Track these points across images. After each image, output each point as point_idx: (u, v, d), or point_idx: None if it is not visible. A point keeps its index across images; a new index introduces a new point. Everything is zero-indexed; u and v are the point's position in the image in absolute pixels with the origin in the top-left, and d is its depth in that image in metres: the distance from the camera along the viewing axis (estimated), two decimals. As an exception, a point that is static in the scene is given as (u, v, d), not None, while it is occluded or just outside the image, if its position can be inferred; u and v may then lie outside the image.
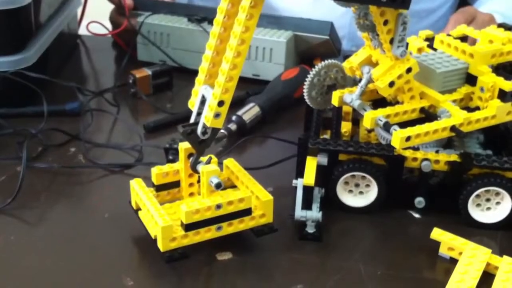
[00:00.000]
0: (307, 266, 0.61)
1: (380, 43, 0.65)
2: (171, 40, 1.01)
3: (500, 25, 0.75)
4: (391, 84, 0.65)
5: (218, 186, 0.59)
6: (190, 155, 0.63)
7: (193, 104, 0.61)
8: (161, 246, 0.59)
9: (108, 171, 0.75)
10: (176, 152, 0.75)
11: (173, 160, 0.74)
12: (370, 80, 0.67)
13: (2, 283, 0.58)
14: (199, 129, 0.59)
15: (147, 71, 0.94)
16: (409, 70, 0.65)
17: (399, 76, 0.65)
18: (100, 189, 0.73)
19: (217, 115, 0.58)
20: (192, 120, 0.61)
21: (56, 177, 0.74)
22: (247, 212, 0.61)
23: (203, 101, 0.60)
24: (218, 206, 0.59)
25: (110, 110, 0.88)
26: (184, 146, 0.62)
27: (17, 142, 0.77)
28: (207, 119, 0.58)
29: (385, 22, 0.62)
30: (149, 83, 0.94)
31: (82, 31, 1.14)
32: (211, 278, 0.60)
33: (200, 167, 0.60)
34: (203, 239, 0.60)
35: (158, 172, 0.64)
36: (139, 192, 0.63)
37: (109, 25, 1.11)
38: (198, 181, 0.64)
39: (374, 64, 0.67)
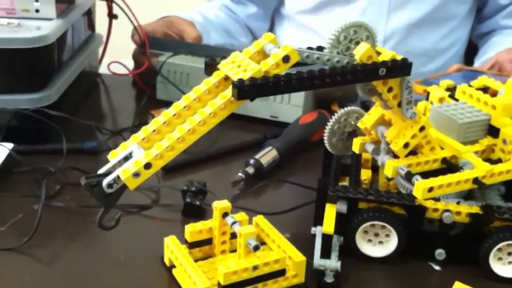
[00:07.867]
0: (325, 316, 0.60)
1: (389, 107, 0.64)
2: (190, 79, 1.01)
3: (521, 76, 0.75)
4: (406, 145, 0.65)
5: (256, 248, 0.59)
6: (225, 214, 0.63)
7: (115, 155, 0.55)
8: None
9: (124, 211, 0.75)
10: (193, 194, 0.75)
11: (190, 203, 0.74)
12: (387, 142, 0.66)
13: (15, 325, 0.57)
14: (106, 180, 0.54)
15: (166, 111, 0.95)
16: (422, 128, 0.65)
17: (413, 136, 0.65)
18: (117, 230, 0.71)
19: (136, 174, 0.53)
20: (102, 171, 0.55)
21: (73, 216, 0.74)
22: (282, 272, 0.61)
23: (127, 157, 0.55)
24: (255, 268, 0.59)
25: (128, 149, 0.88)
26: (219, 206, 0.63)
27: (35, 179, 0.77)
28: (125, 172, 0.53)
29: (389, 90, 0.61)
30: (167, 123, 0.94)
31: (102, 69, 1.16)
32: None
33: (237, 228, 0.60)
34: None
35: (192, 230, 0.65)
36: (174, 249, 0.63)
37: (129, 64, 1.12)
38: (230, 238, 0.65)
39: (388, 123, 0.67)
